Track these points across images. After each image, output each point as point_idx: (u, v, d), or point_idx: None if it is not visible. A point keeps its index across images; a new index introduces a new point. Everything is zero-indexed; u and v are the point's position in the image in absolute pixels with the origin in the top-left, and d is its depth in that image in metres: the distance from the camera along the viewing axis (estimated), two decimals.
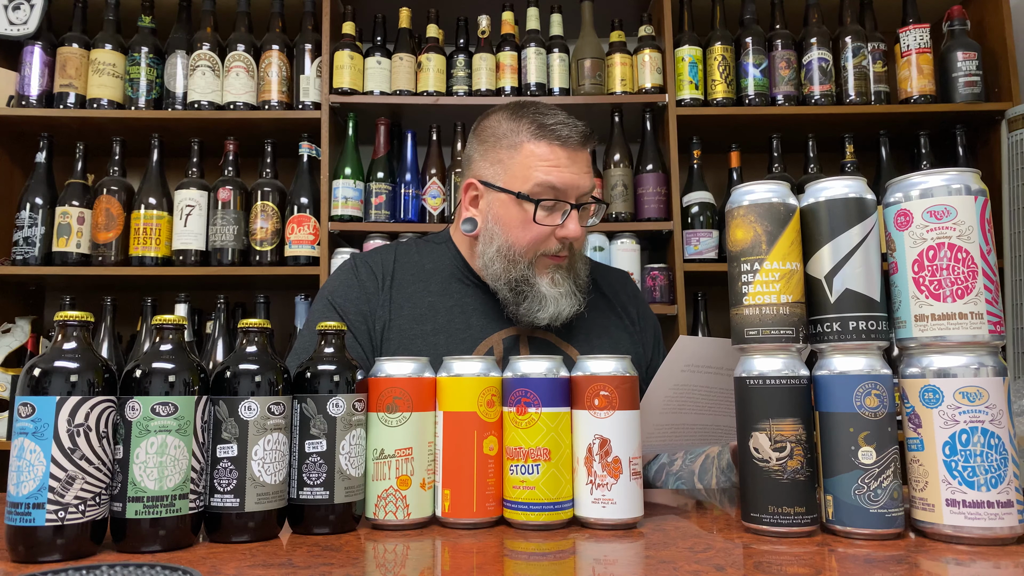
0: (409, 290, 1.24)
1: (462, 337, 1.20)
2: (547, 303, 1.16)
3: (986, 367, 0.73)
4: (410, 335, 1.20)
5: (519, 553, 0.74)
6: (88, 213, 2.16)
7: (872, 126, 2.30)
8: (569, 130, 1.17)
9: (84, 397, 0.70)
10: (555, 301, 1.17)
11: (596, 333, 1.28)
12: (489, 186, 1.20)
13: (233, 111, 2.20)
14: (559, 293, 1.17)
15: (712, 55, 2.26)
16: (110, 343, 2.08)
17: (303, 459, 0.80)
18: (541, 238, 1.17)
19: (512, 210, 1.17)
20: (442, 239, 1.33)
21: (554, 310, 1.16)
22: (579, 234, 1.17)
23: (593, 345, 1.26)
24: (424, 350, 1.18)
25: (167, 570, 0.59)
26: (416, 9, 2.33)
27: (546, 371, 0.83)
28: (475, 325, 1.21)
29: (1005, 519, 0.71)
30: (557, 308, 1.17)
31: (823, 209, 0.81)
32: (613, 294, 1.36)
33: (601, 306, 1.32)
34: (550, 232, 1.17)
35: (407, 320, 1.21)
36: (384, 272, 1.26)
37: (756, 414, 0.78)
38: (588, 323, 1.27)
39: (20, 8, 2.20)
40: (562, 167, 1.15)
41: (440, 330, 1.20)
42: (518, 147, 1.18)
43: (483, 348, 1.19)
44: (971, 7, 2.35)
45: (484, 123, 1.25)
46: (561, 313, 1.17)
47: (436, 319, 1.21)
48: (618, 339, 1.30)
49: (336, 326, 0.86)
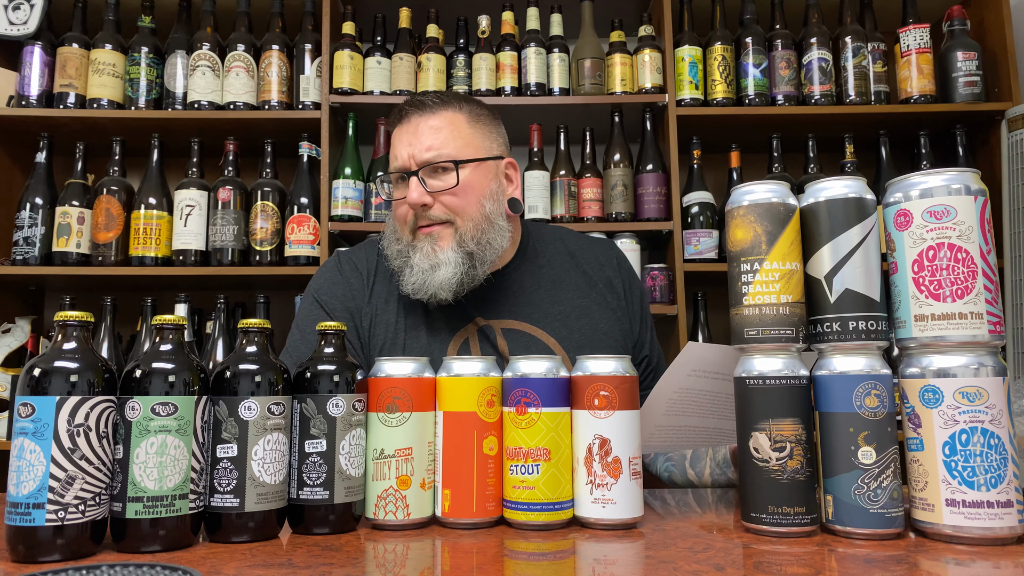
0: (392, 283, 1.25)
1: (439, 327, 1.22)
2: (414, 272, 1.16)
3: (986, 367, 0.73)
4: (395, 329, 1.22)
5: (519, 553, 0.74)
6: (88, 213, 2.16)
7: (872, 126, 2.30)
8: (410, 106, 1.21)
9: (84, 397, 0.70)
10: (422, 273, 1.16)
11: (575, 316, 1.25)
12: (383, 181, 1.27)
13: (233, 111, 2.20)
14: (429, 264, 1.15)
15: (712, 55, 2.26)
16: (110, 343, 2.08)
17: (303, 459, 0.80)
18: (401, 215, 1.20)
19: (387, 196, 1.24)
20: None
21: (420, 279, 1.15)
22: (415, 200, 1.15)
23: (572, 329, 1.24)
24: (408, 343, 1.21)
25: (167, 570, 0.59)
26: (416, 9, 2.33)
27: (546, 371, 0.83)
28: (452, 315, 1.22)
29: (1005, 519, 0.71)
30: (425, 278, 1.15)
31: (823, 209, 0.81)
32: (595, 269, 1.32)
33: (580, 284, 1.29)
34: (405, 205, 1.18)
35: (392, 314, 1.24)
36: (368, 268, 1.28)
37: (756, 414, 0.78)
38: (565, 306, 1.26)
39: (20, 8, 2.20)
40: (400, 143, 1.19)
41: (420, 323, 1.22)
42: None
43: (459, 339, 1.21)
44: (971, 7, 2.35)
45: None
46: (435, 280, 1.14)
47: (415, 313, 1.23)
48: (599, 319, 1.27)
49: (336, 326, 0.86)
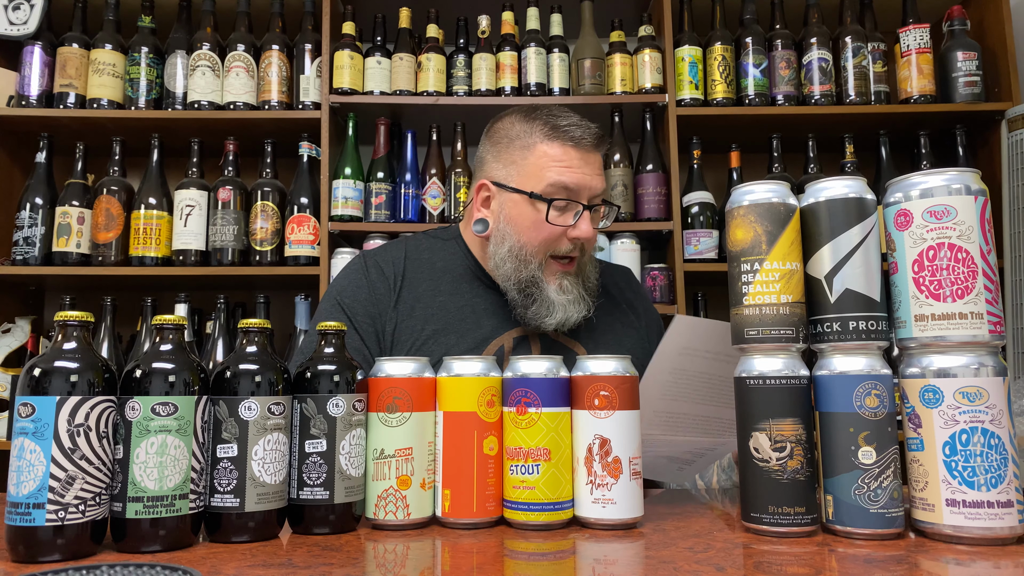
0: (420, 289, 1.24)
1: (473, 336, 1.20)
2: (555, 309, 1.17)
3: (986, 367, 0.73)
4: (422, 335, 1.20)
5: (519, 553, 0.74)
6: (88, 213, 2.16)
7: (872, 126, 2.30)
8: (582, 131, 1.17)
9: (84, 397, 0.70)
10: (563, 308, 1.17)
11: (601, 331, 1.29)
12: (502, 187, 1.20)
13: (233, 111, 2.20)
14: (567, 300, 1.18)
15: (712, 55, 2.26)
16: (110, 343, 2.08)
17: (303, 459, 0.80)
18: (553, 238, 1.17)
19: (524, 210, 1.17)
20: (450, 235, 1.33)
21: (562, 316, 1.17)
22: (591, 235, 1.17)
23: (599, 343, 1.27)
24: (435, 349, 1.18)
25: (167, 570, 0.59)
26: (416, 9, 2.33)
27: (546, 371, 0.83)
28: (486, 325, 1.21)
29: (1005, 519, 0.71)
30: (565, 314, 1.17)
31: (823, 209, 0.81)
32: (618, 292, 1.37)
33: (606, 305, 1.32)
34: (561, 233, 1.17)
35: (418, 320, 1.21)
36: (395, 271, 1.26)
37: (756, 414, 0.78)
38: (596, 323, 1.28)
39: (20, 8, 2.20)
40: (574, 168, 1.16)
41: (451, 329, 1.20)
42: (531, 148, 1.18)
43: (493, 347, 1.20)
44: (971, 7, 2.35)
45: (497, 125, 1.26)
46: (569, 319, 1.18)
47: (447, 318, 1.21)
48: (623, 336, 1.31)
49: (336, 326, 0.86)
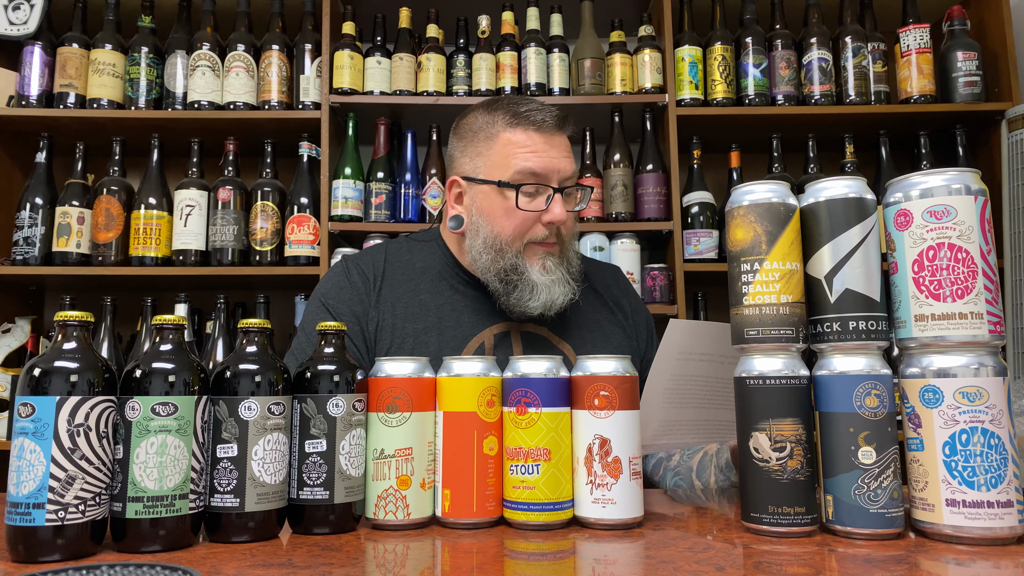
0: (400, 289, 1.24)
1: (453, 334, 1.20)
2: (538, 291, 1.15)
3: (986, 367, 0.73)
4: (402, 334, 1.20)
5: (519, 553, 0.74)
6: (88, 213, 2.16)
7: (872, 126, 2.30)
8: (543, 115, 1.17)
9: (84, 397, 0.70)
10: (547, 288, 1.15)
11: (588, 327, 1.28)
12: (471, 180, 1.20)
13: (233, 111, 2.20)
14: (551, 280, 1.15)
15: (712, 55, 2.26)
16: (110, 343, 2.08)
17: (303, 459, 0.80)
18: (527, 225, 1.16)
19: (495, 200, 1.17)
20: (430, 237, 1.33)
21: (546, 297, 1.14)
22: (564, 217, 1.16)
23: (586, 339, 1.25)
24: (416, 348, 1.18)
25: (167, 570, 0.59)
26: (416, 9, 2.33)
27: (546, 371, 0.83)
28: (466, 322, 1.21)
29: (1005, 519, 0.71)
30: (549, 296, 1.15)
31: (823, 209, 0.81)
32: (605, 289, 1.35)
33: (593, 301, 1.32)
34: (535, 218, 1.16)
35: (399, 319, 1.21)
36: (375, 273, 1.26)
37: (756, 414, 0.78)
38: (580, 318, 1.27)
39: (20, 8, 2.20)
40: (539, 152, 1.15)
41: (431, 328, 1.20)
42: (495, 137, 1.18)
43: (474, 344, 1.19)
44: (971, 7, 2.35)
45: (462, 121, 1.26)
46: (554, 301, 1.15)
47: (427, 317, 1.21)
48: (610, 333, 1.30)
49: (336, 326, 0.86)
